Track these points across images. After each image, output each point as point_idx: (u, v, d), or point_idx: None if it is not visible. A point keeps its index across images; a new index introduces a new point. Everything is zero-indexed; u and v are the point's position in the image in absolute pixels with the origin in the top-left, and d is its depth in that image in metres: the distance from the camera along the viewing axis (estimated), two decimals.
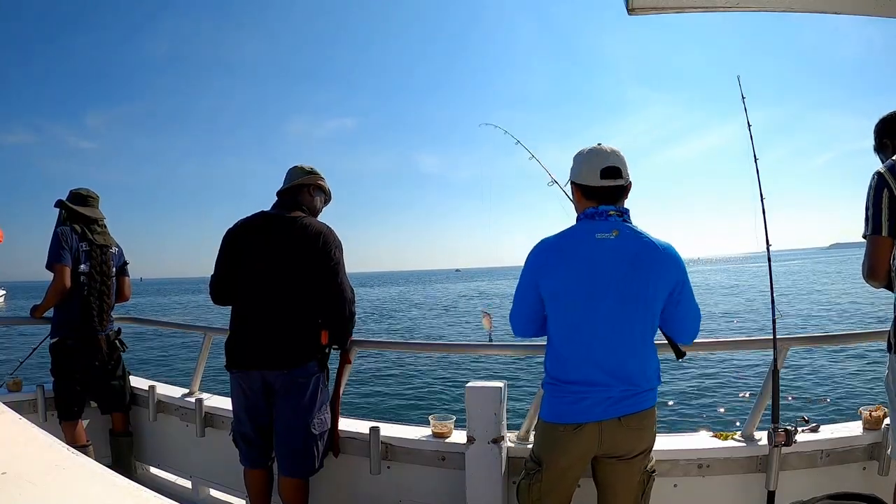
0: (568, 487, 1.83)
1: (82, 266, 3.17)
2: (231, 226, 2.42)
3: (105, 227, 3.39)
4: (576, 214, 1.87)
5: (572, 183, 1.86)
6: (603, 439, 1.73)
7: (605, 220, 1.76)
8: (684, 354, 1.93)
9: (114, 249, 3.36)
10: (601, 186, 1.78)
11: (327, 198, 2.58)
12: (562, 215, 1.97)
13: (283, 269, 2.28)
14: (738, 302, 26.20)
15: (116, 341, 3.33)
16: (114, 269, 3.35)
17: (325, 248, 2.30)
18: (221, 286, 2.40)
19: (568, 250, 1.76)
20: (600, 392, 1.71)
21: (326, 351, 2.41)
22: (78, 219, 3.26)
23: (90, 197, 3.37)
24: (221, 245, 2.40)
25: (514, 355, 10.54)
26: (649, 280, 1.70)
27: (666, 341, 1.91)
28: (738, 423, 2.13)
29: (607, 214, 1.76)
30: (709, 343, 3.59)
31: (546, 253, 1.80)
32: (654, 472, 1.82)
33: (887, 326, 1.82)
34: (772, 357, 2.13)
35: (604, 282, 1.70)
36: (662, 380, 1.87)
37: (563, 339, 1.77)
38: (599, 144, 1.84)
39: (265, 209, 2.45)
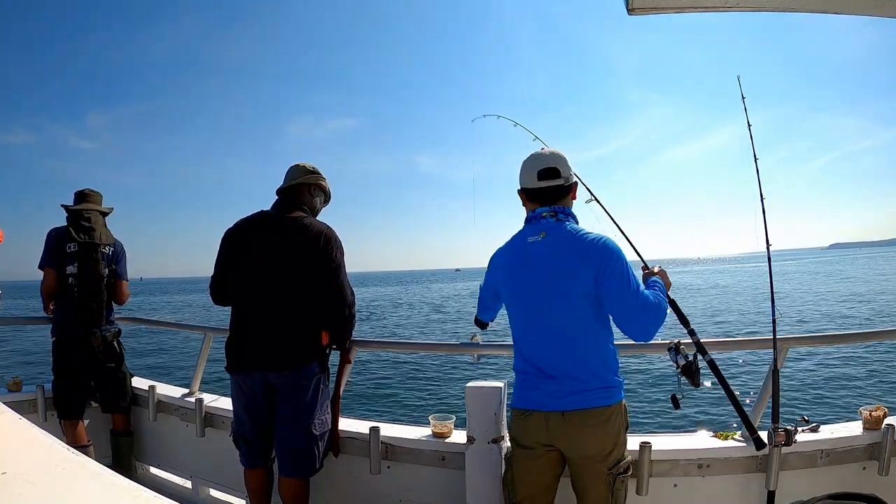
0: (539, 479, 1.87)
1: (69, 268, 3.15)
2: (231, 225, 2.42)
3: (94, 220, 3.28)
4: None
5: (518, 191, 1.97)
6: (551, 431, 1.79)
7: (538, 222, 1.88)
8: (698, 384, 1.95)
9: (105, 249, 3.27)
10: (539, 188, 1.89)
11: (327, 198, 2.58)
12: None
13: (284, 270, 2.28)
14: (736, 301, 26.21)
15: (115, 343, 3.29)
16: (105, 268, 3.25)
17: (326, 249, 2.30)
18: (221, 286, 2.39)
19: (509, 257, 1.94)
20: (548, 384, 1.80)
21: (327, 351, 2.41)
22: (71, 217, 3.26)
23: (85, 193, 3.36)
24: (221, 245, 2.40)
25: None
26: (571, 273, 1.75)
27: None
28: (737, 424, 2.12)
29: (540, 217, 1.88)
30: (709, 343, 3.60)
31: (495, 261, 2.00)
32: (622, 473, 1.80)
33: (887, 326, 1.82)
34: (772, 357, 2.13)
35: (534, 282, 1.82)
36: (662, 380, 1.86)
37: (516, 338, 1.93)
38: (541, 149, 1.96)
39: (265, 209, 2.45)
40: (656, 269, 2.00)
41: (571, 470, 1.86)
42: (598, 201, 2.16)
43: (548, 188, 1.88)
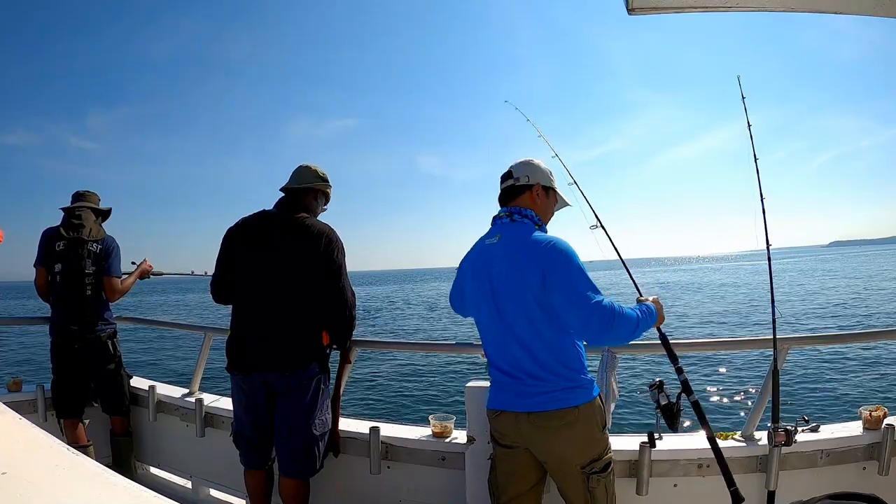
0: (521, 480, 1.87)
1: (57, 266, 3.14)
2: (232, 224, 2.41)
3: (85, 217, 3.24)
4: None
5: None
6: (521, 432, 1.81)
7: (495, 225, 1.94)
8: (675, 429, 1.99)
9: (93, 246, 3.20)
10: (501, 191, 1.98)
11: (326, 203, 2.59)
12: (579, 217, 2.06)
13: (286, 270, 2.28)
14: (733, 301, 26.22)
15: (109, 343, 3.23)
16: (90, 266, 3.17)
17: (328, 250, 2.30)
18: (222, 285, 2.39)
19: (470, 262, 1.98)
20: (513, 384, 1.82)
21: (327, 352, 2.41)
22: (63, 216, 3.26)
23: (81, 193, 3.35)
24: (222, 244, 2.39)
25: None
26: (520, 275, 1.75)
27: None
28: (737, 424, 2.13)
29: (497, 219, 1.93)
30: (709, 343, 3.61)
31: (462, 267, 2.05)
32: (598, 472, 1.77)
33: (887, 326, 1.82)
34: (772, 357, 2.13)
35: (491, 285, 1.84)
36: (663, 380, 1.86)
37: (482, 341, 1.97)
38: None
39: (267, 208, 2.44)
40: (650, 299, 1.90)
41: (549, 473, 1.87)
42: (602, 228, 2.11)
43: (503, 190, 1.97)
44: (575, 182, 2.10)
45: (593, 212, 2.12)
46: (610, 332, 1.65)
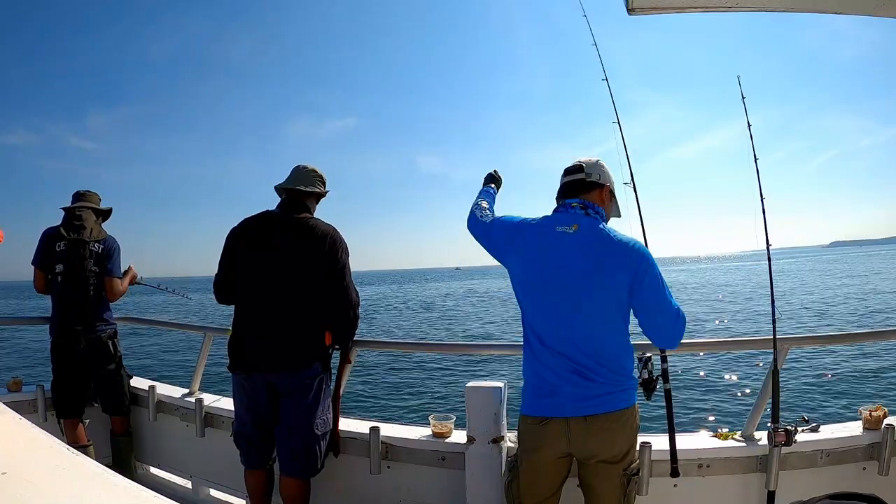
0: (548, 485, 1.83)
1: (58, 266, 3.13)
2: (235, 225, 2.41)
3: (86, 218, 3.25)
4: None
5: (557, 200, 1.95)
6: (572, 437, 1.73)
7: (567, 212, 1.84)
8: (649, 399, 1.94)
9: (95, 246, 3.21)
10: (563, 183, 1.93)
11: (318, 202, 2.58)
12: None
13: (290, 270, 2.28)
14: (733, 300, 26.22)
15: (110, 343, 3.24)
16: (93, 266, 3.19)
17: (333, 250, 2.30)
18: (225, 286, 2.39)
19: (532, 241, 1.84)
20: (568, 387, 1.73)
21: (329, 352, 2.41)
22: (64, 216, 3.26)
23: (81, 193, 3.34)
24: (225, 244, 2.39)
25: (514, 355, 10.51)
26: (608, 274, 1.72)
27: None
28: (737, 424, 2.13)
29: (570, 206, 1.84)
30: (709, 343, 3.61)
31: (517, 231, 1.90)
32: (635, 473, 1.81)
33: (887, 326, 1.82)
34: (772, 357, 2.13)
35: (564, 276, 1.75)
36: (651, 357, 1.86)
37: (533, 331, 1.82)
38: None
39: (269, 209, 2.44)
40: None
41: (583, 472, 1.83)
42: (634, 188, 2.13)
43: (569, 182, 1.90)
44: (633, 183, 2.13)
45: (630, 169, 2.14)
46: (679, 337, 1.78)
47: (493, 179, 2.33)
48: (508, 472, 1.94)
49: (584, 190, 1.87)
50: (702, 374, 9.67)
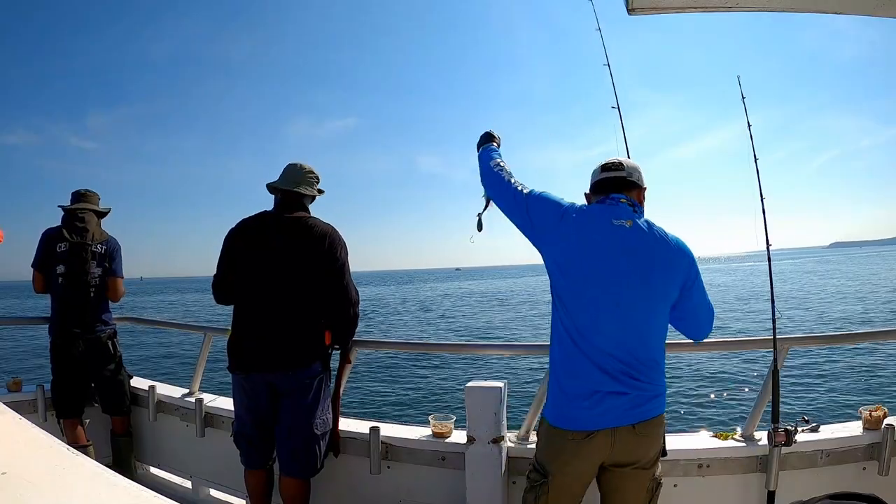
0: (575, 499, 1.74)
1: (59, 267, 3.12)
2: (234, 225, 2.41)
3: (88, 220, 3.25)
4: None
5: (586, 196, 1.85)
6: (614, 447, 1.63)
7: (617, 205, 1.72)
8: None
9: (98, 247, 3.22)
10: (603, 178, 1.78)
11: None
12: None
13: (287, 270, 2.28)
14: (735, 301, 26.22)
15: (109, 344, 3.23)
16: (95, 267, 3.19)
17: (331, 250, 2.30)
18: (224, 286, 2.39)
19: (579, 226, 1.68)
20: (615, 396, 1.60)
21: (329, 351, 2.41)
22: (66, 216, 3.25)
23: (82, 193, 3.33)
24: (224, 244, 2.39)
25: (514, 355, 10.56)
26: (665, 274, 1.66)
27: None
28: (737, 424, 2.13)
29: (619, 200, 1.72)
30: (709, 343, 3.59)
31: (563, 215, 1.71)
32: (660, 478, 1.77)
33: (887, 326, 1.82)
34: (772, 357, 2.13)
35: (620, 272, 1.62)
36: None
37: (577, 329, 1.64)
38: None
39: (267, 209, 2.44)
40: None
41: (611, 478, 1.72)
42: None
43: (611, 178, 1.77)
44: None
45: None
46: (710, 329, 1.79)
47: (492, 139, 2.10)
48: (530, 487, 1.74)
49: (626, 188, 1.77)
50: (702, 373, 9.67)
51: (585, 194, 1.86)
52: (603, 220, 1.67)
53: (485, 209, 2.04)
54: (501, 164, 1.95)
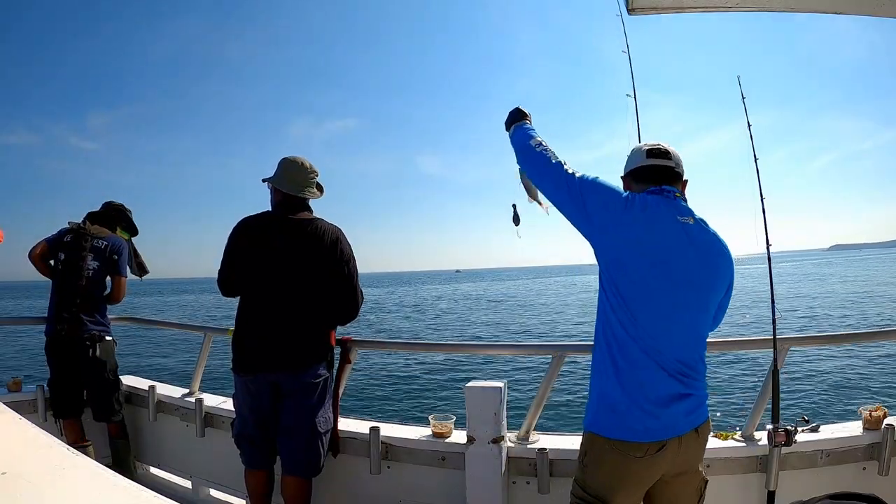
0: None
1: (60, 254, 3.17)
2: (237, 223, 2.40)
3: (91, 225, 3.28)
4: None
5: (623, 179, 1.70)
6: (679, 455, 1.50)
7: (675, 200, 1.58)
8: None
9: (97, 242, 3.21)
10: (649, 165, 1.61)
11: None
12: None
13: (289, 270, 2.27)
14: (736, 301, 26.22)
15: (97, 346, 3.12)
16: (91, 259, 3.17)
17: (340, 252, 2.30)
18: (228, 283, 2.39)
19: (644, 220, 1.51)
20: (682, 399, 1.49)
21: (333, 352, 2.41)
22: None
23: (123, 210, 3.46)
24: (228, 243, 2.38)
25: (514, 355, 10.56)
26: (722, 274, 1.59)
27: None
28: (737, 424, 2.13)
29: (674, 195, 1.58)
30: (709, 343, 3.59)
31: (625, 206, 1.53)
32: (706, 476, 1.65)
33: (887, 326, 1.82)
34: (772, 357, 2.13)
35: (690, 271, 1.51)
36: None
37: (638, 331, 1.48)
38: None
39: (268, 209, 2.42)
40: None
41: (666, 488, 1.58)
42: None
43: (660, 166, 1.60)
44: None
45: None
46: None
47: (524, 116, 1.85)
48: None
49: (675, 179, 1.61)
50: None
51: (622, 178, 1.70)
52: (669, 216, 1.53)
53: (530, 199, 1.86)
54: (544, 143, 1.71)
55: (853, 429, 2.21)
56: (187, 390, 3.19)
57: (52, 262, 3.23)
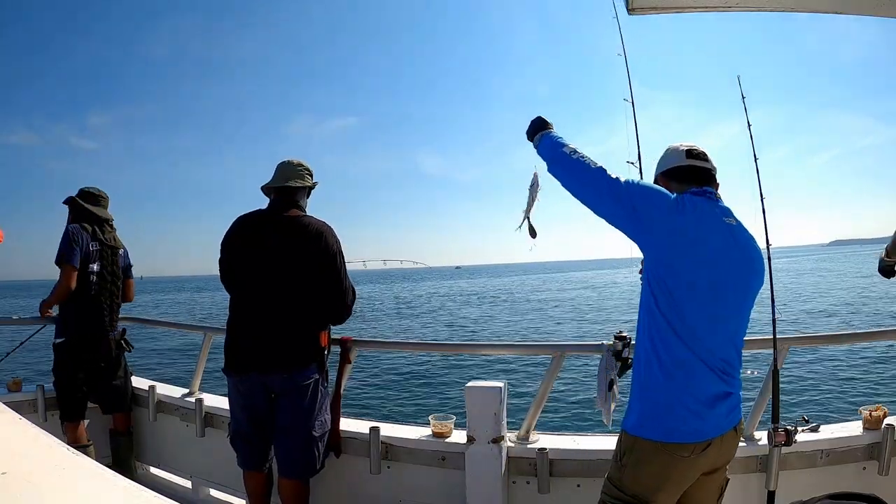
0: None
1: (93, 265, 3.16)
2: (231, 223, 2.41)
3: (114, 227, 3.39)
4: None
5: (658, 179, 1.70)
6: (720, 453, 1.54)
7: (718, 201, 1.60)
8: (620, 375, 1.97)
9: (121, 251, 3.38)
10: (689, 166, 1.63)
11: (308, 196, 2.56)
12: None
13: (281, 270, 2.27)
14: None
15: (122, 341, 3.32)
16: (119, 270, 3.34)
17: (327, 248, 2.30)
18: (229, 284, 2.40)
19: (702, 223, 1.52)
20: (725, 398, 1.52)
21: (326, 353, 2.41)
22: (88, 217, 3.25)
23: (101, 196, 3.37)
24: (222, 244, 2.40)
25: (514, 355, 10.56)
26: (761, 275, 1.62)
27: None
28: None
29: (716, 197, 1.60)
30: None
31: (675, 208, 1.51)
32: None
33: (887, 326, 1.82)
34: (772, 357, 2.13)
35: (737, 272, 1.54)
36: (631, 339, 1.85)
37: (687, 330, 1.48)
38: None
39: (262, 208, 2.43)
40: None
41: (695, 485, 1.57)
42: (639, 170, 2.01)
43: (700, 168, 1.63)
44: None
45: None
46: None
47: (547, 125, 1.77)
48: None
49: (713, 182, 1.64)
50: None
51: (658, 176, 1.70)
52: (716, 217, 1.55)
53: (530, 207, 1.84)
54: (578, 149, 1.64)
55: (853, 429, 2.21)
56: (187, 390, 3.19)
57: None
